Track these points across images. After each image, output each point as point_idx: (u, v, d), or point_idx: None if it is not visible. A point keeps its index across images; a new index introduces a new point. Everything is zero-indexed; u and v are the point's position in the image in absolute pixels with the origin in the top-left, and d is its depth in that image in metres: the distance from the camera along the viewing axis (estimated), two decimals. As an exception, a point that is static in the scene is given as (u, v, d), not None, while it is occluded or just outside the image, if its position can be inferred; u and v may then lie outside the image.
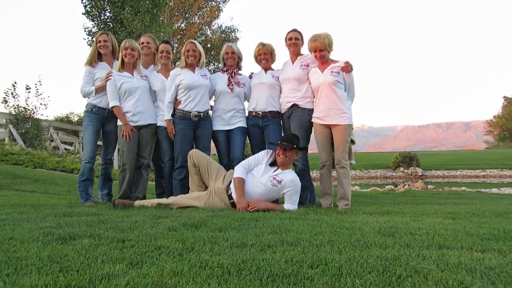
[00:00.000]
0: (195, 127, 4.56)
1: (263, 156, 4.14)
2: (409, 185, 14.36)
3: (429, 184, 13.58)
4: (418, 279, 1.55)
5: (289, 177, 3.94)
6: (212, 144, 4.77)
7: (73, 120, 26.08)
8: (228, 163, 4.56)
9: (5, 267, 1.68)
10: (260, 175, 3.96)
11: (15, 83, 14.56)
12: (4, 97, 14.20)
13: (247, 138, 4.83)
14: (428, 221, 2.99)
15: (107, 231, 2.44)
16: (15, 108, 14.22)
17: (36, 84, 14.98)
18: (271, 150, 4.20)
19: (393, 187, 13.01)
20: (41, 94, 14.93)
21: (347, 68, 4.28)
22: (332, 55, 4.48)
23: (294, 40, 4.61)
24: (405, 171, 26.38)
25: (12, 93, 14.32)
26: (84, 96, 4.64)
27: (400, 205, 4.81)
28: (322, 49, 4.30)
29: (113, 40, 4.80)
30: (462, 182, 19.95)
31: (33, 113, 14.51)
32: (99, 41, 4.70)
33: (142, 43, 4.88)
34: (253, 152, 4.57)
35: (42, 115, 15.05)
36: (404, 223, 2.82)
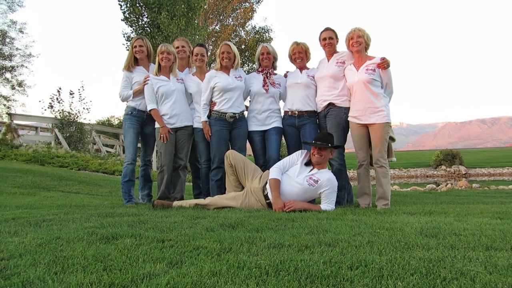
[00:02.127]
0: (230, 128, 4.59)
1: (298, 156, 4.11)
2: (452, 184, 13.82)
3: (474, 183, 13.01)
4: (465, 281, 1.48)
5: (326, 176, 3.89)
6: (248, 144, 4.80)
7: (114, 124, 27.07)
8: (264, 164, 4.56)
9: (53, 266, 1.75)
10: (296, 175, 3.94)
11: (60, 88, 15.25)
12: (50, 103, 14.91)
13: (283, 138, 4.81)
14: (473, 221, 2.87)
15: (147, 231, 2.50)
16: (60, 112, 14.90)
17: (79, 89, 15.65)
18: (306, 150, 4.17)
19: (434, 186, 12.56)
20: (83, 99, 15.57)
21: (384, 64, 4.17)
22: (370, 52, 4.40)
23: (328, 40, 4.54)
24: (448, 169, 25.44)
25: (57, 99, 15.01)
26: (123, 100, 4.80)
27: (442, 204, 4.64)
28: (360, 35, 4.24)
29: (148, 44, 4.93)
30: (510, 180, 18.97)
31: (76, 117, 15.15)
32: (135, 46, 4.84)
33: (177, 47, 4.97)
34: (289, 152, 4.54)
35: (85, 119, 15.71)
36: (448, 224, 2.72)
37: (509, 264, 1.67)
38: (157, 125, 4.65)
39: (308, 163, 4.03)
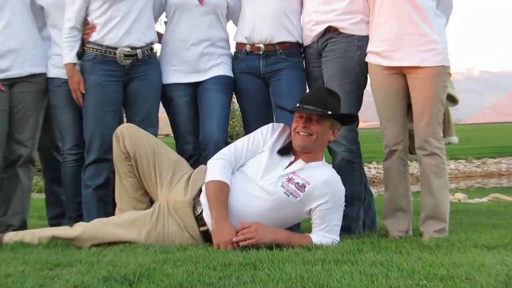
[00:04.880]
0: (126, 79, 4.59)
1: (266, 135, 4.11)
2: None
3: None
4: None
5: (322, 176, 3.92)
6: (164, 114, 4.81)
7: None
8: (196, 151, 4.62)
9: None
10: (261, 174, 3.94)
11: None
12: None
13: (235, 99, 4.90)
14: None
15: None
16: None
17: None
18: (282, 124, 4.19)
19: (534, 192, 13.09)
20: None
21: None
22: None
23: None
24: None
25: None
26: None
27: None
28: None
29: None
30: None
31: None
32: None
33: None
34: (247, 129, 4.56)
35: None
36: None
37: None
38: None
39: (285, 151, 4.04)
